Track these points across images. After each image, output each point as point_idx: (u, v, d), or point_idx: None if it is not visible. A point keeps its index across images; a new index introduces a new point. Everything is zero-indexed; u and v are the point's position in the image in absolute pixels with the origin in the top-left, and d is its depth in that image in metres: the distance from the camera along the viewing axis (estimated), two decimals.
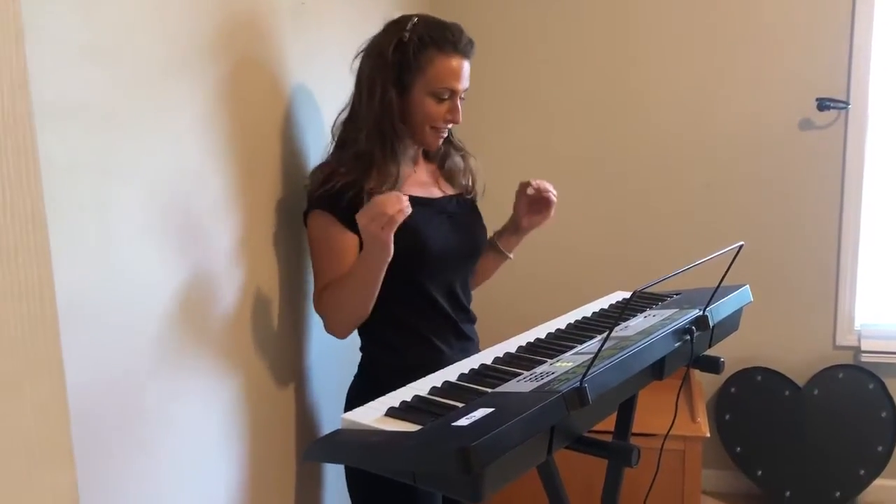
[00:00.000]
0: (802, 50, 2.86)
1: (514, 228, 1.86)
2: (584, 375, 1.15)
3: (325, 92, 1.93)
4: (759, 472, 3.01)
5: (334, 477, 2.01)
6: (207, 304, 1.42)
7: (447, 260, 1.69)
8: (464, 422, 1.07)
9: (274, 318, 1.69)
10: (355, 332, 1.75)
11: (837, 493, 2.93)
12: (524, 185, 1.79)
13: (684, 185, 3.01)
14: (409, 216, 1.60)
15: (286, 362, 1.76)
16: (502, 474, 1.06)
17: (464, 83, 1.66)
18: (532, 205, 1.81)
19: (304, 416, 1.87)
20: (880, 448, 2.95)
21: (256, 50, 1.61)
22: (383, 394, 1.26)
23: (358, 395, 1.72)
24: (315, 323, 1.77)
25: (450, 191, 1.79)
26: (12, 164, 0.49)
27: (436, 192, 1.76)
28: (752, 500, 3.07)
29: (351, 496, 1.71)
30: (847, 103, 2.83)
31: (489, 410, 1.10)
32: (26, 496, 0.52)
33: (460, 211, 1.77)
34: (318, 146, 1.88)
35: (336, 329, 1.67)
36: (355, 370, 1.79)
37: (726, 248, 1.46)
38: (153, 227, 1.25)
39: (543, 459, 1.18)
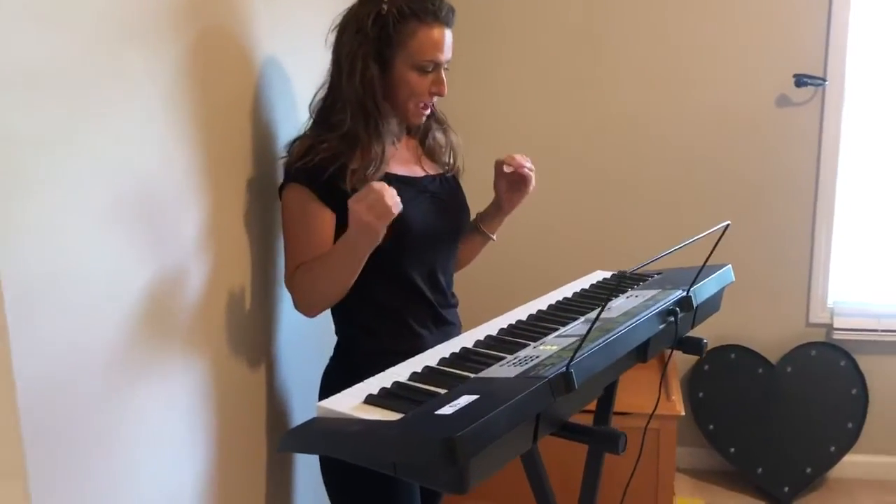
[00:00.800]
0: (780, 26, 2.83)
1: (497, 210, 1.81)
2: (571, 360, 1.11)
3: (296, 63, 1.85)
4: (732, 450, 3.02)
5: (306, 466, 1.96)
6: (173, 287, 1.35)
7: (429, 241, 1.64)
8: (447, 410, 1.03)
9: (245, 301, 1.63)
10: (328, 315, 1.70)
11: (808, 469, 2.96)
12: (500, 164, 1.74)
13: (661, 163, 2.98)
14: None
15: (256, 346, 1.70)
16: (488, 464, 1.02)
17: (447, 53, 1.59)
18: (511, 183, 1.76)
19: (275, 402, 1.81)
20: (850, 425, 2.98)
21: (223, 18, 1.52)
22: (361, 379, 1.21)
23: (334, 380, 1.67)
24: (287, 306, 1.71)
25: (432, 170, 1.73)
26: None
27: (418, 171, 1.70)
28: (725, 476, 3.08)
29: (326, 484, 1.67)
30: (824, 80, 2.81)
31: (474, 398, 1.06)
32: None
33: (443, 190, 1.71)
34: (288, 120, 1.81)
35: (307, 309, 1.61)
36: (328, 353, 1.73)
37: (712, 229, 1.43)
38: (113, 208, 1.17)
39: (529, 447, 1.15)
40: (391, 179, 1.58)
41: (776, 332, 3.04)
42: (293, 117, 1.83)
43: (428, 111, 1.65)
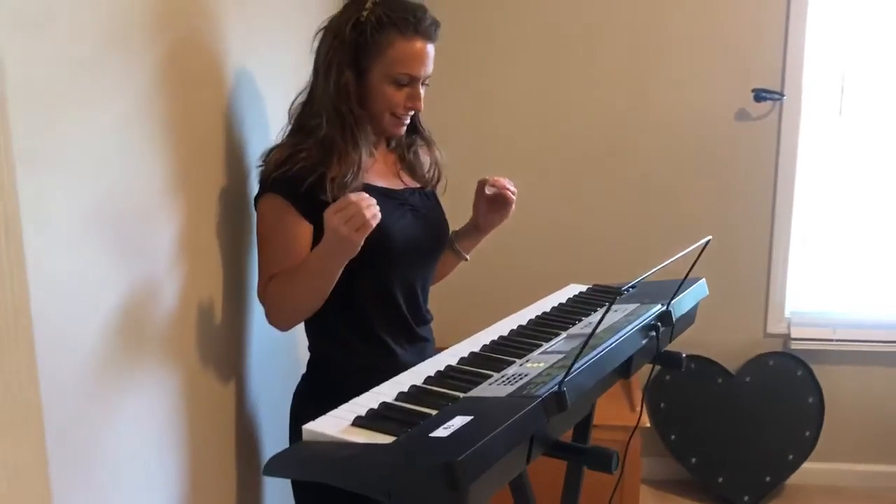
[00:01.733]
0: (739, 41, 2.88)
1: (474, 229, 1.78)
2: (564, 378, 1.10)
3: (269, 74, 1.81)
4: (693, 460, 3.05)
5: (275, 485, 1.90)
6: (143, 301, 1.30)
7: (410, 255, 1.60)
8: (442, 432, 1.00)
9: (216, 315, 1.57)
10: (301, 330, 1.65)
11: (767, 478, 3.00)
12: (482, 184, 1.71)
13: (622, 175, 3.00)
14: None
15: (228, 362, 1.65)
16: (485, 488, 0.99)
17: (426, 68, 1.55)
18: (492, 204, 1.73)
19: (245, 420, 1.75)
20: (808, 433, 3.03)
21: (197, 29, 1.47)
22: (334, 394, 1.18)
23: (307, 395, 1.62)
24: (259, 319, 1.66)
25: (412, 183, 1.69)
26: None
27: (398, 184, 1.66)
28: (686, 486, 3.10)
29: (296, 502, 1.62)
30: (782, 95, 2.87)
31: (468, 419, 1.03)
32: None
33: (423, 205, 1.67)
34: (259, 131, 1.76)
35: (279, 322, 1.56)
36: (301, 369, 1.68)
37: (694, 245, 1.43)
38: (85, 218, 1.12)
39: (522, 469, 1.13)
40: (371, 191, 1.54)
41: (735, 342, 3.08)
42: (264, 128, 1.79)
43: (405, 124, 1.61)
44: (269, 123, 1.81)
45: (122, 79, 1.21)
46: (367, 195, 1.40)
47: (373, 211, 1.39)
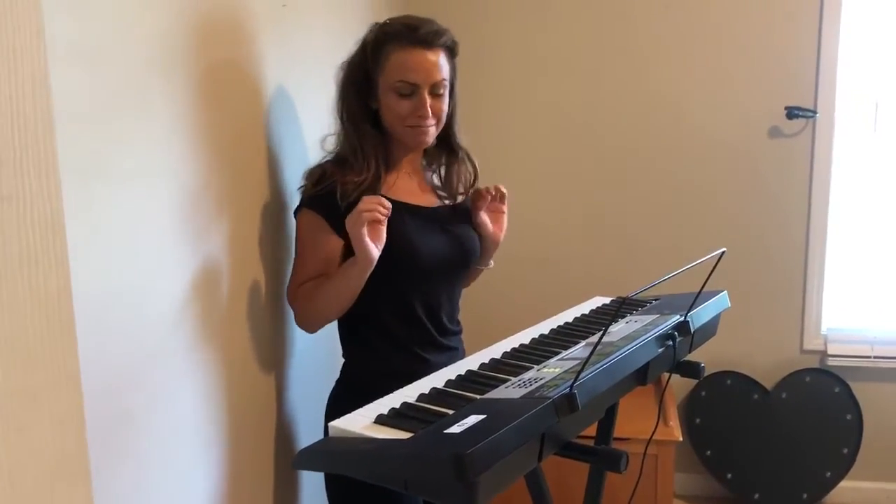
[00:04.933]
0: (772, 60, 2.91)
1: (485, 244, 1.82)
2: (574, 381, 1.15)
3: (305, 94, 1.91)
4: (729, 476, 3.05)
5: (311, 483, 1.99)
6: (186, 300, 1.40)
7: (436, 270, 1.67)
8: (456, 429, 1.07)
9: (257, 316, 1.67)
10: (334, 335, 1.74)
11: (805, 495, 2.98)
12: (476, 206, 1.77)
13: (656, 193, 3.04)
14: (402, 224, 1.59)
15: (268, 361, 1.74)
16: (496, 481, 1.05)
17: (427, 75, 1.59)
18: (491, 215, 1.80)
19: (284, 420, 1.84)
20: (846, 450, 3.01)
21: (236, 54, 1.58)
22: (366, 400, 1.25)
23: (340, 401, 1.70)
24: (296, 327, 1.75)
25: (445, 199, 1.76)
26: (32, 166, 0.48)
27: (429, 201, 1.73)
28: (722, 502, 3.10)
29: (330, 501, 1.69)
30: (815, 112, 2.88)
31: (481, 417, 1.10)
32: None
33: (453, 221, 1.74)
34: (295, 152, 1.86)
35: (305, 324, 1.67)
36: (336, 370, 1.77)
37: (709, 255, 1.48)
38: (131, 223, 1.22)
39: (534, 466, 1.18)
40: (400, 208, 1.63)
41: (771, 358, 3.08)
42: (298, 147, 1.89)
43: (426, 134, 1.65)
44: (304, 139, 1.91)
45: (164, 99, 1.31)
46: (378, 198, 1.50)
47: (369, 206, 1.48)
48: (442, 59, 1.61)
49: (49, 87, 0.50)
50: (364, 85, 1.63)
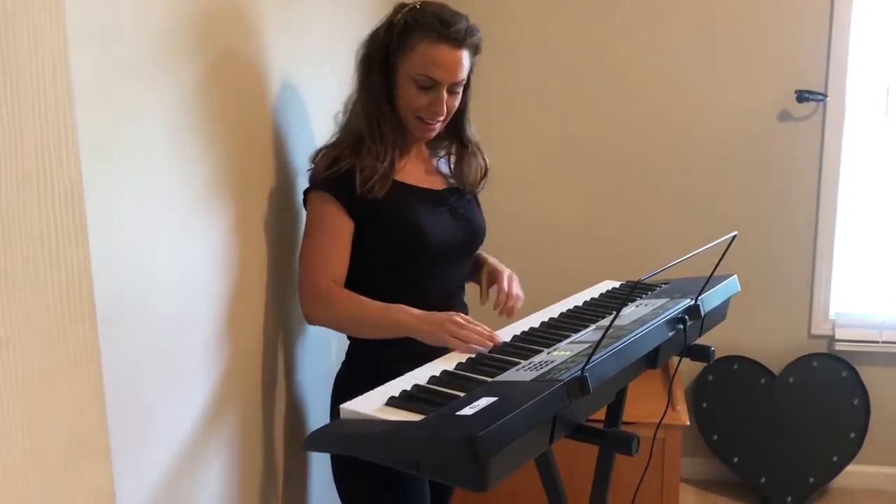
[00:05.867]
0: (782, 43, 2.89)
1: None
2: (586, 364, 1.15)
3: (312, 83, 1.90)
4: (736, 460, 3.05)
5: (322, 465, 2.00)
6: (200, 293, 1.40)
7: (444, 254, 1.67)
8: (468, 411, 1.07)
9: (265, 304, 1.67)
10: None
11: (811, 479, 2.99)
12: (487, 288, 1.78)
13: (664, 177, 3.03)
14: (412, 208, 1.58)
15: (276, 347, 1.75)
16: (508, 463, 1.06)
17: (451, 74, 1.58)
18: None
19: (294, 402, 1.85)
20: (853, 435, 3.01)
21: (244, 41, 1.57)
22: (373, 381, 1.25)
23: (347, 381, 1.70)
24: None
25: (452, 183, 1.75)
26: (52, 144, 0.47)
27: (438, 184, 1.73)
28: (728, 486, 3.11)
29: (336, 483, 1.70)
30: (825, 95, 2.87)
31: (492, 399, 1.10)
32: (64, 490, 0.50)
33: (461, 205, 1.73)
34: (302, 135, 1.86)
35: (314, 318, 1.62)
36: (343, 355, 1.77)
37: (720, 239, 1.47)
38: (147, 214, 1.22)
39: (545, 449, 1.19)
40: (409, 190, 1.62)
41: (779, 343, 3.08)
42: (307, 132, 1.88)
43: (433, 130, 1.65)
44: (312, 128, 1.90)
45: (172, 84, 1.30)
46: (494, 336, 1.44)
47: (480, 338, 1.41)
48: (466, 59, 1.60)
49: (68, 65, 0.49)
50: (385, 68, 1.61)
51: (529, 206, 3.10)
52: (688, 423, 2.57)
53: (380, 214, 1.60)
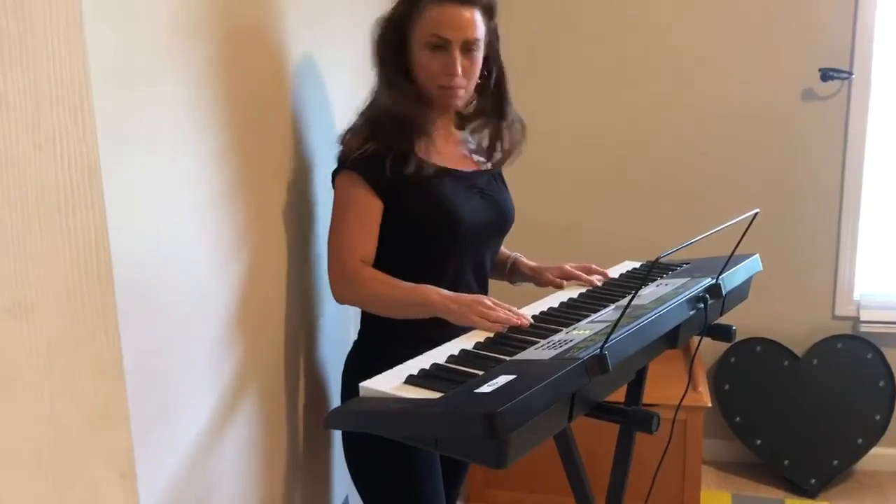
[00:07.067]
0: (806, 20, 2.84)
1: (530, 279, 1.85)
2: (605, 342, 1.15)
3: (331, 63, 1.90)
4: (759, 442, 3.04)
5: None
6: (219, 274, 1.41)
7: (476, 236, 1.66)
8: (486, 388, 1.07)
9: (285, 285, 1.68)
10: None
11: (835, 462, 2.96)
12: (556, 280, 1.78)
13: (687, 157, 3.00)
14: (443, 188, 1.58)
15: (298, 330, 1.76)
16: (526, 440, 1.06)
17: (461, 32, 1.56)
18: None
19: (314, 379, 1.87)
20: (878, 417, 2.98)
21: (260, 19, 1.57)
22: (384, 361, 1.24)
23: (359, 360, 1.71)
24: (325, 291, 1.76)
25: (482, 164, 1.75)
26: (68, 111, 0.47)
27: (468, 165, 1.72)
28: (751, 468, 3.09)
29: (347, 461, 1.70)
30: (850, 73, 2.82)
31: (511, 377, 1.10)
32: (83, 458, 0.51)
33: (491, 187, 1.73)
34: (322, 116, 1.86)
35: (342, 298, 1.62)
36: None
37: (741, 217, 1.45)
38: (164, 194, 1.23)
39: (564, 426, 1.19)
40: (443, 172, 1.62)
41: (802, 325, 3.05)
42: (327, 113, 1.88)
43: (456, 96, 1.63)
44: (332, 109, 1.91)
45: (188, 63, 1.31)
46: (514, 316, 1.43)
47: (507, 319, 1.41)
48: (477, 18, 1.59)
49: (83, 30, 0.50)
50: (399, 43, 1.61)
51: (549, 187, 3.09)
52: (709, 404, 2.56)
53: (410, 195, 1.60)
